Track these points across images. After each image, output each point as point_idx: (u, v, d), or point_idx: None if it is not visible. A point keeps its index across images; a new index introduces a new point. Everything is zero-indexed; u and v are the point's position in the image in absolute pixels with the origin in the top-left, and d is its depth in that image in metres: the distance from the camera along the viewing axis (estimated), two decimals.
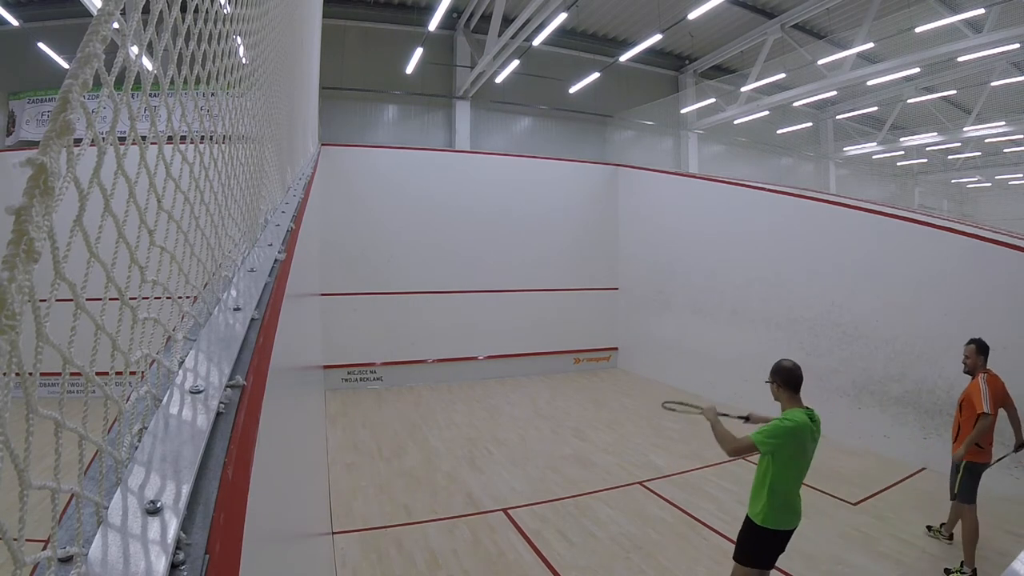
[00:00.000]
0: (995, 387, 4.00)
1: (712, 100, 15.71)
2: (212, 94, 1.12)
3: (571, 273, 11.36)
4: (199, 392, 0.81)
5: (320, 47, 6.65)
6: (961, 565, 3.93)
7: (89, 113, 0.50)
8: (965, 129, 16.73)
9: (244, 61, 1.45)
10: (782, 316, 7.82)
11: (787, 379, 2.94)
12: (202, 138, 1.05)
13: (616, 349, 11.65)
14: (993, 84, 14.68)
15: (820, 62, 12.63)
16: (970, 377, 4.18)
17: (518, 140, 14.24)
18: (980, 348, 4.19)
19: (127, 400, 0.69)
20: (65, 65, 9.86)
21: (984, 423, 3.85)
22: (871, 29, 11.60)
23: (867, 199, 10.03)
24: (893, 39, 11.77)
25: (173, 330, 0.91)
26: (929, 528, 4.59)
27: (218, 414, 0.78)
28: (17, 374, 0.41)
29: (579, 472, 5.96)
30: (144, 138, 0.75)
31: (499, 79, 12.62)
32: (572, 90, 13.63)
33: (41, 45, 10.13)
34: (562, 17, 9.72)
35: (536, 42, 10.96)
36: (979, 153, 20.65)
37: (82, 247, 0.54)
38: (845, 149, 20.11)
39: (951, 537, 4.39)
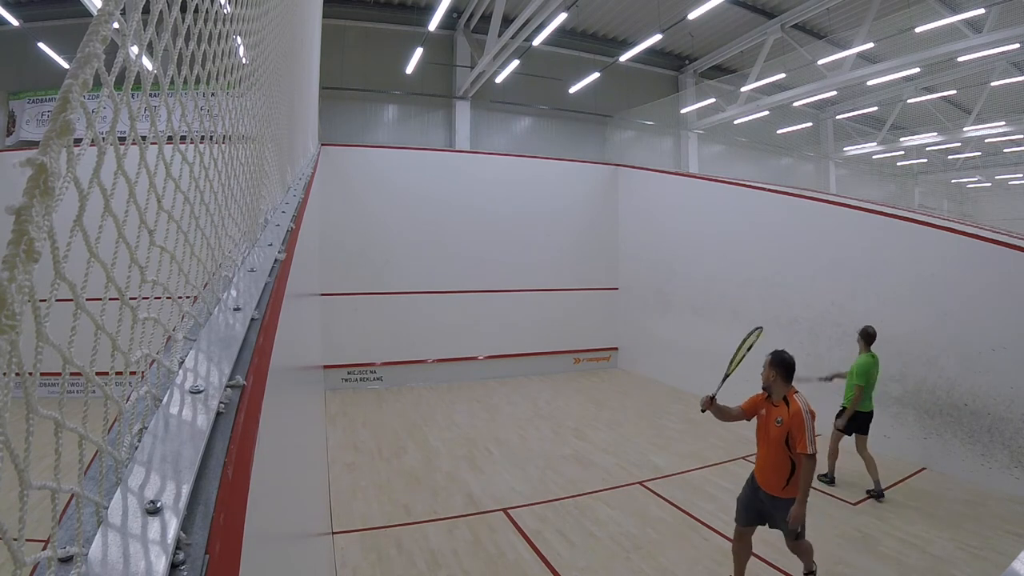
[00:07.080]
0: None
1: (712, 100, 15.72)
2: (212, 94, 1.12)
3: (571, 273, 11.35)
4: (199, 392, 0.81)
5: (320, 47, 6.64)
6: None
7: (89, 113, 0.50)
8: (965, 129, 16.74)
9: (244, 61, 1.45)
10: (782, 316, 7.81)
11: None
12: (202, 138, 1.05)
13: (616, 349, 11.64)
14: (993, 84, 14.70)
15: (820, 62, 12.64)
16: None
17: (518, 140, 14.24)
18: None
19: (127, 400, 0.69)
20: (65, 65, 9.87)
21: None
22: (871, 29, 11.61)
23: (867, 199, 10.03)
24: (893, 39, 11.78)
25: (173, 330, 0.91)
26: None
27: (218, 414, 0.78)
28: (17, 374, 0.41)
29: (579, 472, 5.96)
30: (144, 138, 0.74)
31: (499, 79, 12.62)
32: (572, 90, 13.64)
33: (41, 45, 10.13)
34: (562, 17, 9.72)
35: (536, 42, 10.97)
36: (979, 153, 20.66)
37: (82, 247, 0.54)
38: (845, 149, 20.12)
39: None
